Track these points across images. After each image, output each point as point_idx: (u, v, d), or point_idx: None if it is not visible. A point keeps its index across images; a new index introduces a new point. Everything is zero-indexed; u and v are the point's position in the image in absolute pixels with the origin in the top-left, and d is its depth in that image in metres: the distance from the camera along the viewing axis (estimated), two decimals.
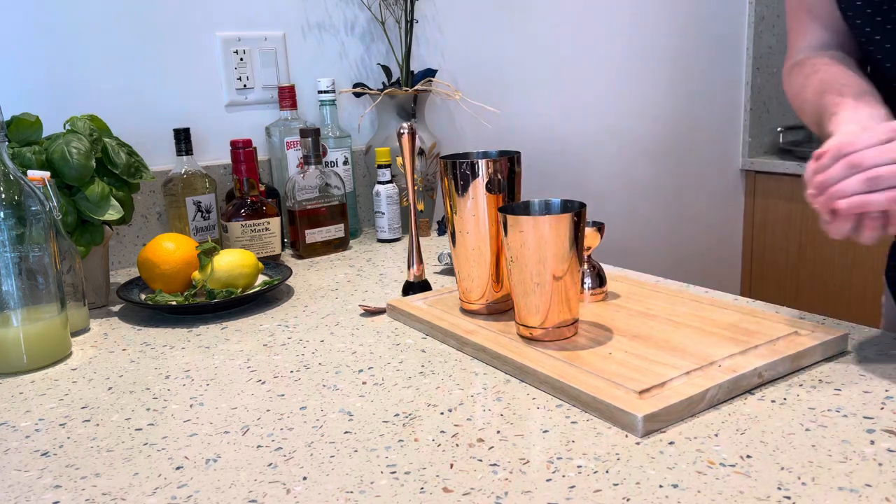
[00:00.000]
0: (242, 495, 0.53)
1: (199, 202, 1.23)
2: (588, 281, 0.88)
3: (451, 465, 0.55)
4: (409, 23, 1.45)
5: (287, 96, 1.34)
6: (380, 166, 1.33)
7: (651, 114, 2.01)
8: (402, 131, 0.91)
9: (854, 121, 0.68)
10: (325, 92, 1.37)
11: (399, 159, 1.38)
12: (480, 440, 0.59)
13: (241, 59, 1.37)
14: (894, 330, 0.91)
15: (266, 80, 1.40)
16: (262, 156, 1.38)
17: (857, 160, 0.61)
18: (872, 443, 0.55)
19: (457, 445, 0.58)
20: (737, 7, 2.15)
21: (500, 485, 0.52)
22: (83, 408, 0.70)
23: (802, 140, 2.29)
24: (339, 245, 1.29)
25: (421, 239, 1.32)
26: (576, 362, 0.68)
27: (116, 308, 1.03)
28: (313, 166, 1.25)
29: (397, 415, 0.64)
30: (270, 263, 1.11)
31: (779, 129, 2.28)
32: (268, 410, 0.67)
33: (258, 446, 0.60)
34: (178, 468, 0.58)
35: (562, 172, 1.87)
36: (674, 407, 0.60)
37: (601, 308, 0.85)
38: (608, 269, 1.02)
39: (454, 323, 0.82)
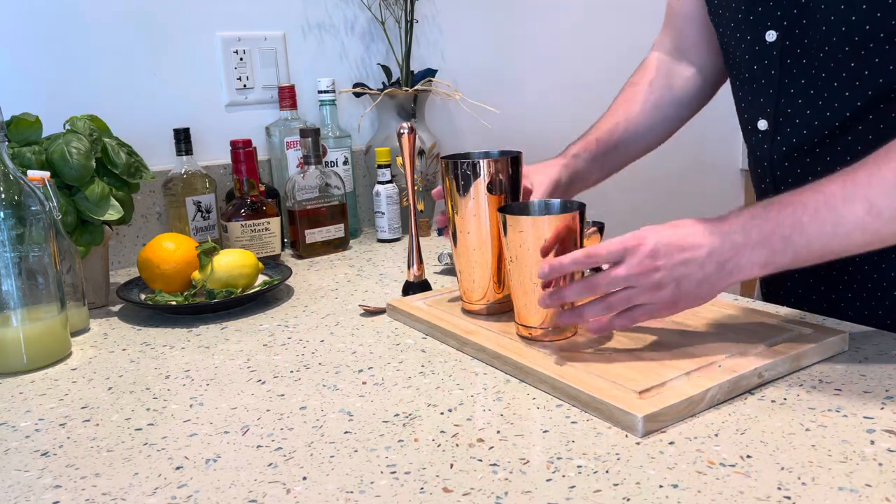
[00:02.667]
0: (242, 495, 0.53)
1: (199, 202, 1.23)
2: None
3: (451, 465, 0.55)
4: (409, 23, 1.45)
5: (287, 96, 1.34)
6: (380, 166, 1.33)
7: None
8: (402, 131, 0.91)
9: (542, 167, 0.95)
10: (325, 92, 1.37)
11: (399, 159, 1.38)
12: (480, 440, 0.59)
13: (241, 59, 1.37)
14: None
15: (266, 80, 1.40)
16: (262, 156, 1.38)
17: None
18: (872, 443, 0.55)
19: (457, 445, 0.58)
20: None
21: (500, 485, 0.52)
22: (83, 408, 0.70)
23: None
24: (339, 245, 1.29)
25: (421, 239, 1.32)
26: (576, 362, 0.68)
27: (116, 308, 1.03)
28: (313, 166, 1.25)
29: (397, 415, 0.64)
30: (270, 263, 1.11)
31: None
32: (268, 410, 0.67)
33: (258, 446, 0.60)
34: (178, 468, 0.58)
35: None
36: (674, 407, 0.60)
37: None
38: None
39: (454, 323, 0.82)
